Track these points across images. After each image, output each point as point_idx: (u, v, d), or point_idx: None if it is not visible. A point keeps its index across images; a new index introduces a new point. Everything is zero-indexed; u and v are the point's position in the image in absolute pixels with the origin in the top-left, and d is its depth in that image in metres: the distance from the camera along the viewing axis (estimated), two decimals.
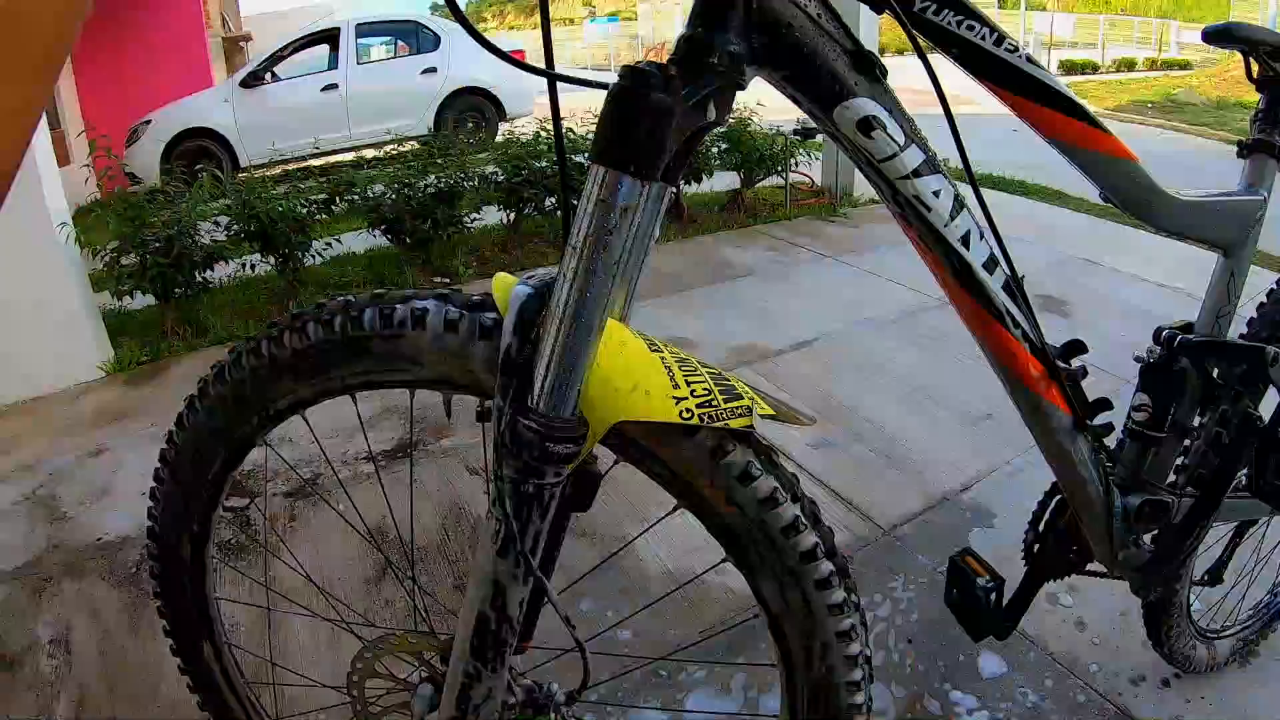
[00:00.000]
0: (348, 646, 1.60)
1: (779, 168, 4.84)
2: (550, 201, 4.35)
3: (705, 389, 0.60)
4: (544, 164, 4.24)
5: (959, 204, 0.73)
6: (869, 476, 2.20)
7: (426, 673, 0.81)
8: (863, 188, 5.11)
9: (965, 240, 0.75)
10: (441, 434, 2.51)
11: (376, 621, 1.70)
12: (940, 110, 0.66)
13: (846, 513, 2.05)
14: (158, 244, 3.17)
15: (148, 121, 7.86)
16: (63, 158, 4.21)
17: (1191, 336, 1.07)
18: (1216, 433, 1.09)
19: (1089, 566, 1.22)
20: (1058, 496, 1.19)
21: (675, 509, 0.69)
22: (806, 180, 5.22)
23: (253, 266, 3.86)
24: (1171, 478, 1.16)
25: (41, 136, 2.81)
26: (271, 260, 3.73)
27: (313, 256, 3.83)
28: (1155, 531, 1.14)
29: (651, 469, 0.68)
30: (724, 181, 5.10)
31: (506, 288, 0.60)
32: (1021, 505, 1.18)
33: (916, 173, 0.67)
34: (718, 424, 0.60)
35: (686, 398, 0.59)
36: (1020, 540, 1.26)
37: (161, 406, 2.81)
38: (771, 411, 0.62)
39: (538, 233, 4.61)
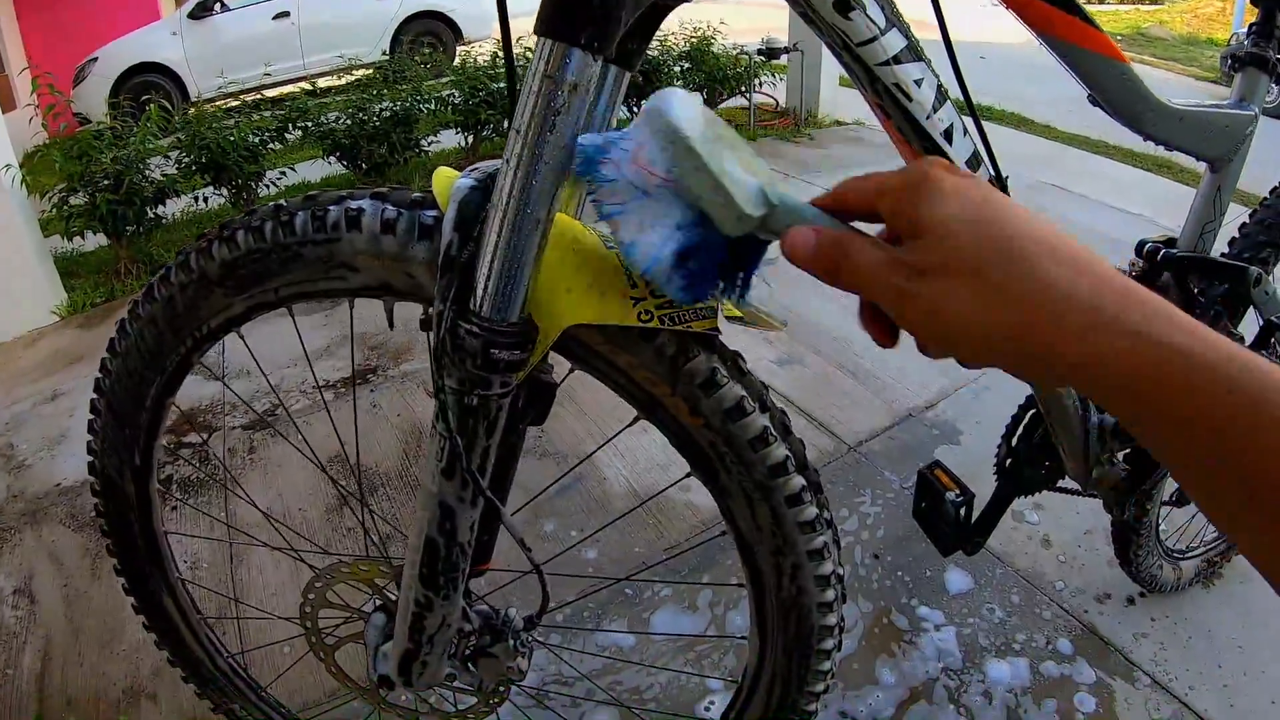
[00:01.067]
0: (305, 580, 1.61)
1: (742, 88, 4.76)
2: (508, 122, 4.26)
3: None
4: (501, 84, 4.14)
5: (942, 95, 0.68)
6: (834, 393, 2.19)
7: (380, 601, 0.78)
8: (828, 108, 5.02)
9: (949, 135, 0.69)
10: (400, 357, 2.47)
11: (337, 550, 1.68)
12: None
13: (812, 429, 2.04)
14: (106, 181, 3.06)
15: (94, 59, 7.55)
16: (8, 102, 4.03)
17: (1175, 251, 1.04)
18: None
19: (1061, 483, 1.22)
20: (1032, 410, 1.18)
21: (635, 420, 0.65)
22: (770, 101, 5.12)
23: (205, 199, 3.77)
24: None
25: None
26: (224, 192, 3.65)
27: (266, 186, 3.74)
28: (1129, 450, 1.13)
29: (610, 377, 0.64)
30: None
31: (448, 182, 0.54)
32: (988, 423, 1.17)
33: (897, 59, 0.62)
34: (679, 326, 0.55)
35: (645, 298, 0.54)
36: (987, 458, 1.25)
37: None
38: (738, 313, 0.58)
39: (498, 154, 4.48)
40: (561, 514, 1.78)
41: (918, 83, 0.66)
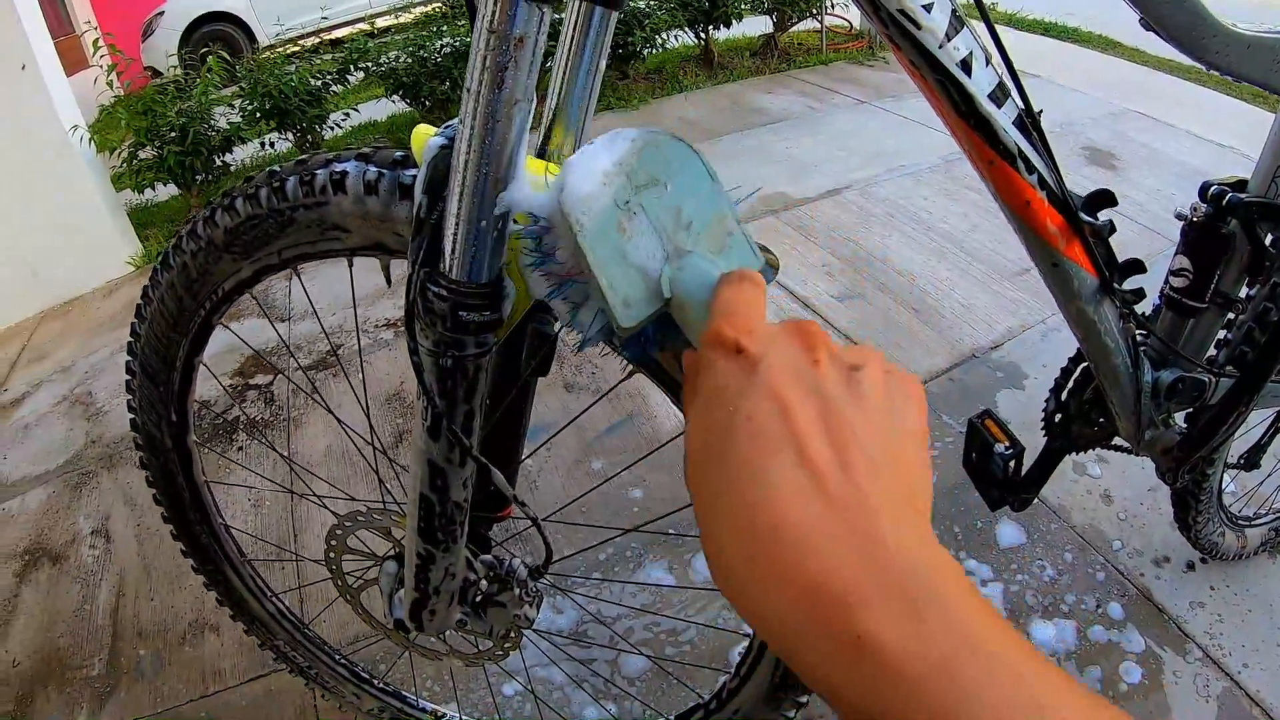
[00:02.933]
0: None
1: (814, 10, 4.59)
2: None
3: None
4: (561, 15, 4.10)
5: (957, 21, 0.63)
6: (896, 331, 2.12)
7: (395, 548, 0.80)
8: None
9: (966, 65, 0.64)
10: None
11: (365, 497, 1.73)
12: None
13: None
14: (173, 134, 3.15)
15: (161, 13, 7.68)
16: (81, 61, 4.16)
17: (1243, 195, 0.94)
18: (1264, 307, 0.98)
19: (1115, 441, 1.15)
20: (1083, 364, 1.11)
21: (629, 374, 0.63)
22: (844, 23, 4.96)
23: (272, 144, 3.84)
24: (1211, 353, 1.05)
25: (45, 45, 2.77)
26: (290, 137, 3.71)
27: (331, 128, 3.80)
28: (1188, 411, 1.05)
29: (607, 342, 0.62)
30: (756, 26, 4.84)
31: (424, 140, 0.54)
32: (1055, 367, 1.10)
33: None
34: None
35: None
36: None
37: None
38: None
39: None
40: (611, 452, 1.80)
41: (926, 8, 0.61)
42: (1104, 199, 0.79)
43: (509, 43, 0.43)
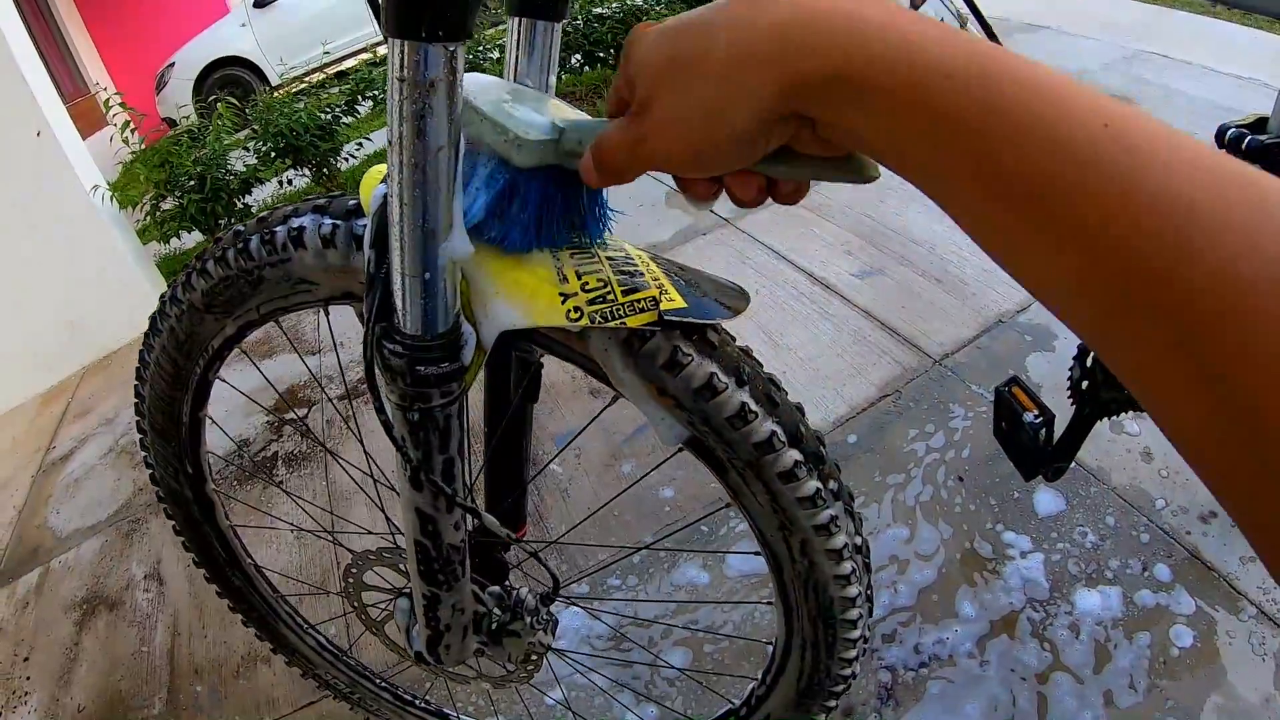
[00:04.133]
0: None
1: None
2: (576, 58, 4.32)
3: (600, 280, 0.52)
4: (579, 20, 4.14)
5: None
6: (918, 303, 2.08)
7: (409, 584, 0.81)
8: None
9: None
10: None
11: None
12: None
13: (894, 344, 1.96)
14: (191, 182, 3.22)
15: (172, 64, 7.89)
16: (100, 120, 4.26)
17: (1263, 138, 0.89)
18: None
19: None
20: None
21: (614, 400, 0.63)
22: None
23: (289, 181, 3.92)
24: None
25: (57, 109, 2.84)
26: (307, 173, 3.77)
27: (345, 160, 3.85)
28: None
29: (578, 363, 0.61)
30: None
31: (371, 188, 0.53)
32: None
33: None
34: (612, 324, 0.51)
35: (576, 294, 0.51)
36: None
37: None
38: (683, 304, 0.54)
39: (569, 92, 4.49)
40: (640, 453, 1.80)
41: None
42: None
43: (422, 89, 0.42)
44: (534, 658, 0.81)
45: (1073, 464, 1.38)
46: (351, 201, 0.59)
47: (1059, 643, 1.26)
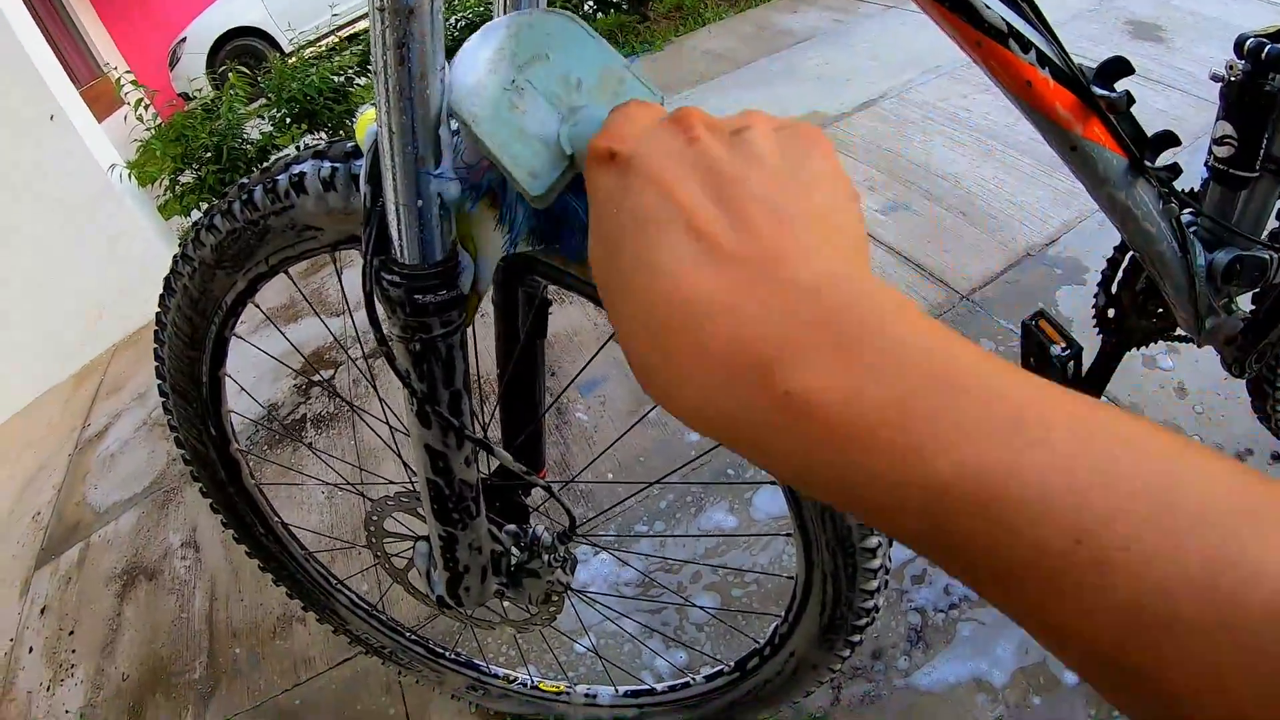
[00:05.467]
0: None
1: None
2: (589, 5, 4.27)
3: None
4: None
5: None
6: (946, 238, 2.06)
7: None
8: None
9: None
10: None
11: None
12: None
13: (921, 280, 1.94)
14: (208, 154, 3.26)
15: (183, 39, 7.85)
16: (116, 101, 4.29)
17: None
18: None
19: (1177, 333, 1.08)
20: (1130, 253, 1.04)
21: (611, 339, 0.63)
22: None
23: (306, 146, 3.88)
24: (1273, 225, 0.95)
25: (69, 93, 2.86)
26: (323, 136, 3.78)
27: None
28: (1253, 294, 0.97)
29: (582, 291, 0.62)
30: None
31: (365, 128, 0.54)
32: None
33: None
34: None
35: None
36: None
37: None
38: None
39: None
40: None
41: None
42: (1119, 68, 0.73)
43: (402, 17, 0.41)
44: (554, 598, 0.82)
45: (1103, 397, 1.36)
46: (350, 144, 0.59)
47: None
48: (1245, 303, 1.00)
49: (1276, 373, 1.13)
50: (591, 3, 4.21)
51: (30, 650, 1.85)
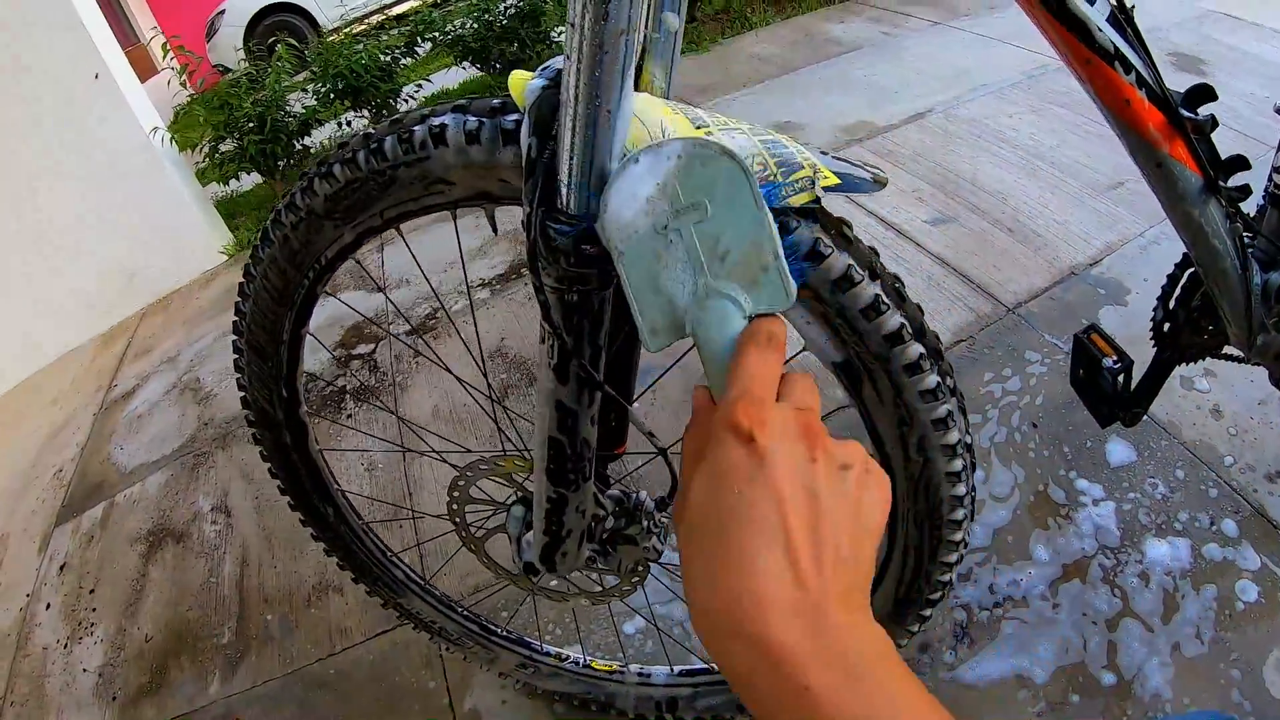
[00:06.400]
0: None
1: None
2: None
3: (760, 163, 0.51)
4: None
5: None
6: (992, 252, 2.07)
7: (519, 493, 0.82)
8: None
9: None
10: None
11: (479, 449, 1.78)
12: None
13: (968, 291, 1.94)
14: (250, 124, 3.24)
15: (222, 11, 7.88)
16: (150, 70, 4.29)
17: None
18: None
19: (1226, 350, 1.12)
20: (1190, 270, 1.08)
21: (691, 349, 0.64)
22: None
23: (348, 123, 3.93)
24: None
25: (114, 52, 2.85)
26: (366, 114, 3.78)
27: (405, 101, 3.86)
28: None
29: None
30: None
31: (522, 84, 0.53)
32: (1157, 280, 1.06)
33: None
34: (775, 205, 0.51)
35: None
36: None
37: None
38: (836, 180, 0.54)
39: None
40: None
41: None
42: (1203, 94, 0.78)
43: None
44: (641, 569, 0.81)
45: (1144, 417, 1.37)
46: (495, 101, 0.59)
47: (1129, 590, 1.26)
48: None
49: None
50: None
51: (48, 606, 1.84)
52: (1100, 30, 0.68)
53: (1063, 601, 1.27)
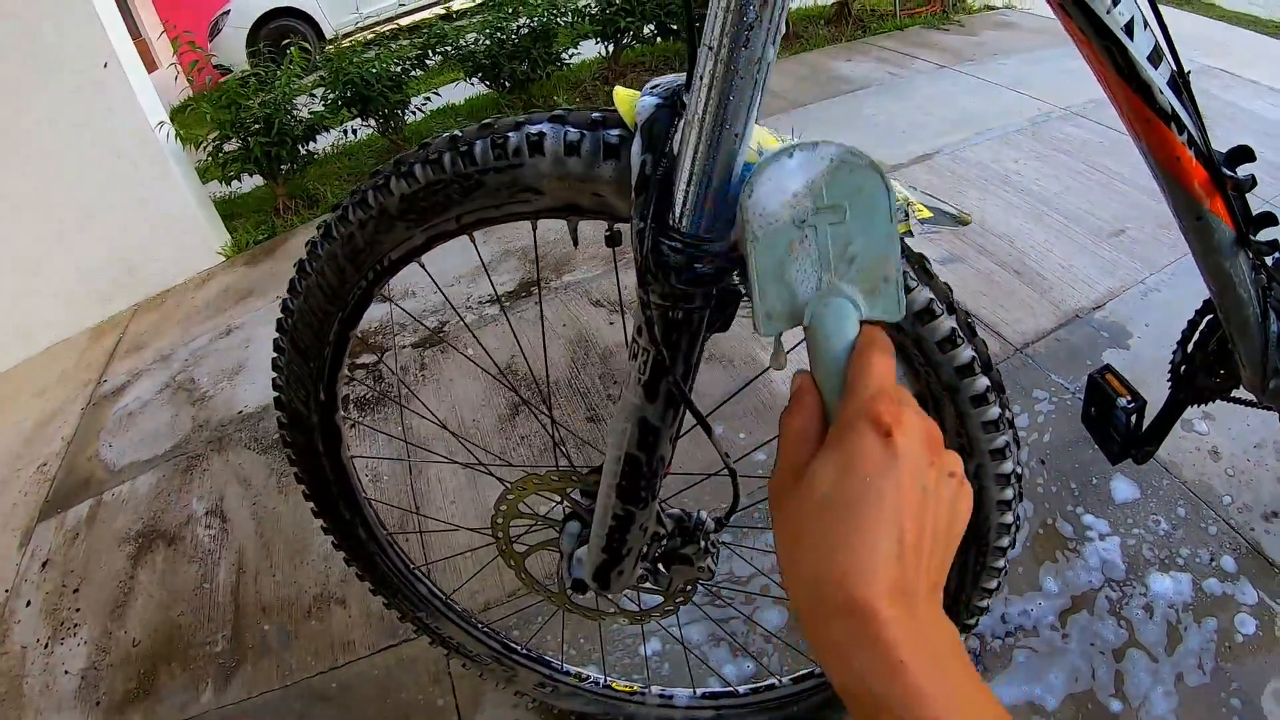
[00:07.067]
0: (484, 489, 1.69)
1: None
2: (649, 29, 4.24)
3: None
4: None
5: None
6: (999, 293, 2.12)
7: (570, 508, 0.81)
8: None
9: (1129, 29, 0.68)
10: (560, 270, 2.52)
11: (513, 460, 1.77)
12: None
13: (978, 329, 1.98)
14: (257, 125, 3.22)
15: (227, 12, 7.89)
16: (150, 64, 4.25)
17: None
18: None
19: (1236, 393, 1.17)
20: (1209, 316, 1.13)
21: (763, 373, 0.64)
22: None
23: (354, 131, 3.94)
24: None
25: (124, 42, 2.82)
26: (372, 123, 3.78)
27: (412, 113, 3.87)
28: None
29: None
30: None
31: (630, 101, 0.54)
32: (1159, 325, 1.10)
33: None
34: None
35: None
36: (1159, 363, 1.18)
37: (284, 280, 2.82)
38: (929, 214, 0.55)
39: (639, 62, 4.52)
40: (728, 417, 1.81)
41: None
42: (1243, 154, 0.83)
43: (755, 2, 0.43)
44: (688, 588, 0.81)
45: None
46: (595, 115, 0.59)
47: (1135, 621, 1.30)
48: None
49: None
50: (652, 27, 4.21)
51: (28, 604, 1.80)
52: (1161, 93, 0.72)
53: (1072, 632, 1.30)
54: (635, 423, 0.60)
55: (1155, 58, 0.71)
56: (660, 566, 0.77)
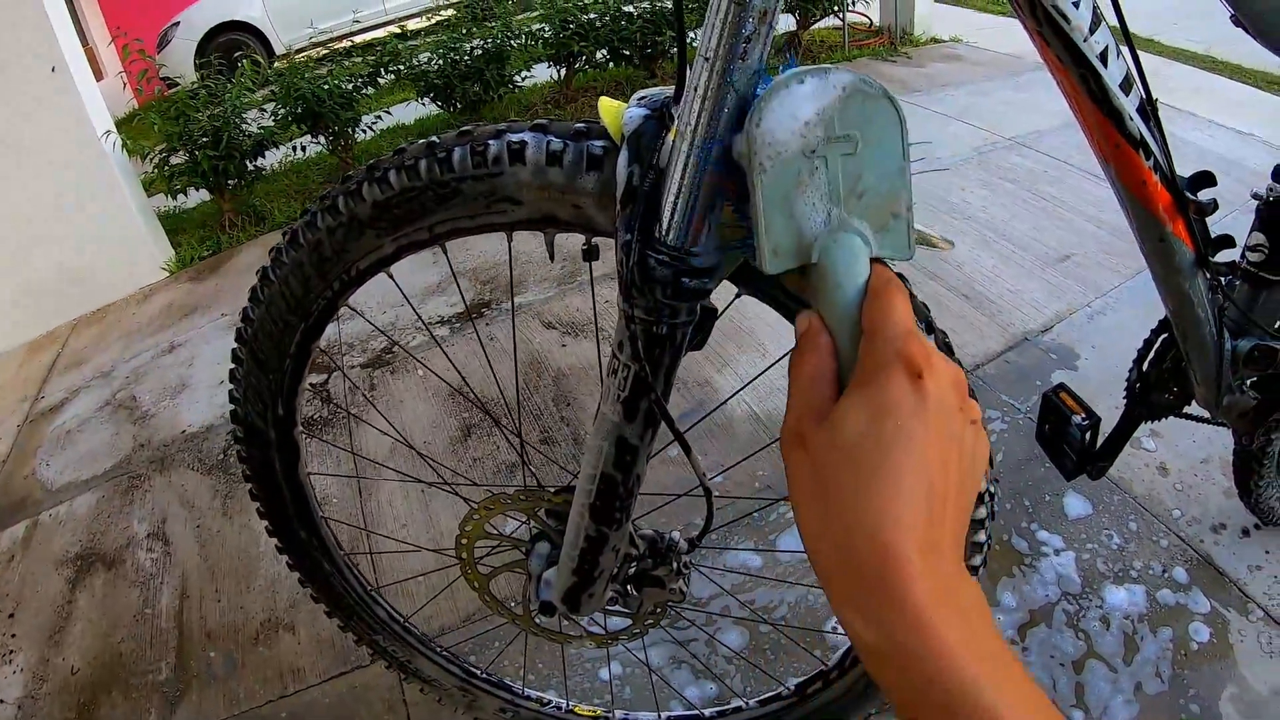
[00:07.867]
0: (436, 511, 1.65)
1: (835, 7, 4.56)
2: (602, 54, 4.26)
3: None
4: (593, 16, 4.14)
5: (1098, 18, 0.68)
6: (949, 316, 2.16)
7: (537, 529, 0.79)
8: (923, 25, 4.82)
9: (1104, 57, 0.70)
10: (513, 292, 2.51)
11: (479, 481, 1.74)
12: None
13: None
14: (205, 138, 3.15)
15: (176, 24, 7.74)
16: (96, 72, 4.13)
17: None
18: None
19: (1188, 410, 1.21)
20: (1164, 334, 1.16)
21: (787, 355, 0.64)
22: (864, 20, 4.96)
23: (303, 148, 3.88)
24: None
25: (74, 46, 2.73)
26: (321, 140, 3.72)
27: (363, 131, 3.82)
28: (1260, 378, 1.10)
29: (775, 299, 0.63)
30: (779, 23, 4.88)
31: (615, 112, 0.53)
32: (1106, 347, 1.13)
33: None
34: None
35: None
36: (1107, 383, 1.21)
37: (228, 297, 2.84)
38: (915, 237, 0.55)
39: (591, 86, 4.53)
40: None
41: (1075, 4, 0.66)
42: (1205, 179, 0.86)
43: (752, 15, 0.43)
44: (658, 610, 0.79)
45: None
46: (578, 125, 0.58)
47: (1092, 633, 1.33)
48: None
49: (1266, 451, 1.28)
50: (605, 52, 4.24)
51: None
52: (1131, 119, 0.74)
53: (1031, 645, 1.32)
54: (613, 441, 0.59)
55: (1126, 85, 0.73)
56: (631, 589, 0.76)
